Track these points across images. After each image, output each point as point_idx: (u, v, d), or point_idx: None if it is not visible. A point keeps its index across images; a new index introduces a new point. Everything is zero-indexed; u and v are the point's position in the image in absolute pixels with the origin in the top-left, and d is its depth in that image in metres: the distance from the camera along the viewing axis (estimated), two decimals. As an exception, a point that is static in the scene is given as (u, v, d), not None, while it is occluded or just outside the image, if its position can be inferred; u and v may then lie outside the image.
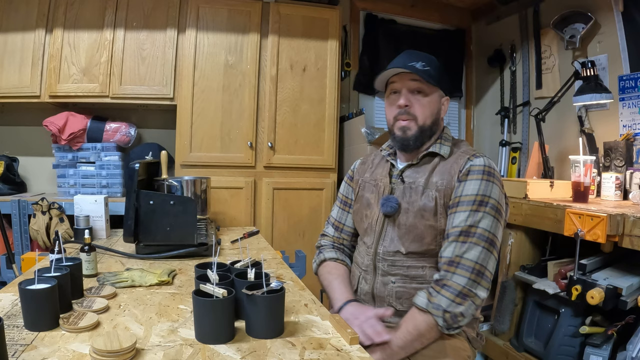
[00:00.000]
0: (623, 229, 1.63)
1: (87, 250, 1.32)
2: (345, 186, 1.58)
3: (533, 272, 2.13)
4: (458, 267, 1.17)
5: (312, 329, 1.02)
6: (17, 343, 0.87)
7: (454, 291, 1.15)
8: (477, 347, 1.31)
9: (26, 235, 2.32)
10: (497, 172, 1.29)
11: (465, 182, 1.25)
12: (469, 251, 1.18)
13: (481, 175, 1.25)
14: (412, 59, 1.33)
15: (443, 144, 1.36)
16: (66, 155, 2.56)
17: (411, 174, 1.35)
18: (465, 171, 1.26)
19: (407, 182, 1.34)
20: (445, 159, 1.33)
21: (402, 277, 1.31)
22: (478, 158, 1.28)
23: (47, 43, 2.46)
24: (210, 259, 1.44)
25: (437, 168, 1.32)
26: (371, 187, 1.44)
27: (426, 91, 1.32)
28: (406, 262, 1.31)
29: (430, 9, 3.42)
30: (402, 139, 1.34)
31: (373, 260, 1.36)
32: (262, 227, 2.65)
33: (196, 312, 0.93)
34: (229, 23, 2.62)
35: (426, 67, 1.31)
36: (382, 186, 1.41)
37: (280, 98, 2.70)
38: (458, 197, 1.24)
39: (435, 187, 1.29)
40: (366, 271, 1.38)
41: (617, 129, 2.34)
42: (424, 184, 1.31)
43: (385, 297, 1.32)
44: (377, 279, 1.35)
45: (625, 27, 2.29)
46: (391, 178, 1.41)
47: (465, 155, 1.31)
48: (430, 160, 1.36)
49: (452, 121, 3.60)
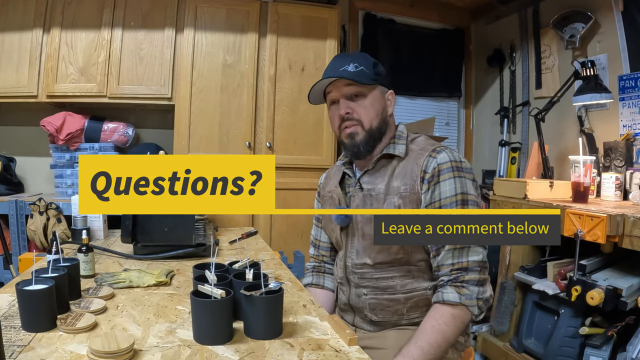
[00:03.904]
0: (623, 229, 1.63)
1: (84, 251, 1.32)
2: (316, 202, 1.55)
3: (533, 272, 2.12)
4: (468, 271, 1.17)
5: (311, 329, 1.01)
6: (15, 344, 0.86)
7: (474, 282, 1.16)
8: (460, 349, 1.28)
9: (23, 236, 2.30)
10: (465, 163, 1.23)
11: (439, 184, 1.19)
12: (471, 255, 1.17)
13: (452, 172, 1.19)
14: (342, 63, 1.26)
15: (397, 143, 1.29)
16: (64, 156, 2.55)
17: (369, 179, 1.30)
18: (434, 172, 1.20)
19: (365, 190, 1.29)
20: (403, 159, 1.27)
21: (373, 289, 1.29)
22: (440, 153, 1.22)
23: (44, 43, 2.45)
24: (209, 259, 1.43)
25: (397, 170, 1.26)
26: (329, 200, 1.42)
27: (365, 92, 1.27)
28: (374, 274, 1.28)
29: (430, 8, 3.41)
30: (351, 145, 1.28)
31: (345, 273, 1.36)
32: (261, 228, 2.65)
33: (194, 312, 0.93)
34: (228, 23, 2.61)
35: (359, 67, 1.24)
36: (336, 198, 1.38)
37: (278, 98, 2.69)
38: (437, 202, 1.19)
39: (397, 193, 1.23)
40: (341, 283, 1.39)
41: (617, 129, 2.33)
42: (384, 190, 1.25)
43: (361, 308, 1.32)
44: (352, 291, 1.34)
45: (625, 26, 2.29)
46: (343, 188, 1.38)
47: (424, 153, 1.24)
48: (387, 162, 1.29)
49: (451, 121, 3.60)
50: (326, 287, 1.48)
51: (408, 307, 1.26)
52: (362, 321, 1.33)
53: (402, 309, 1.26)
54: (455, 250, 1.17)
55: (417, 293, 1.25)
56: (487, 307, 1.18)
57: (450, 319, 1.14)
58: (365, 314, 1.31)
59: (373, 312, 1.29)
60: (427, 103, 3.51)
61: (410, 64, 3.35)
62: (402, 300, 1.26)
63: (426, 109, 3.49)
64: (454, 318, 1.14)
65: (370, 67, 1.27)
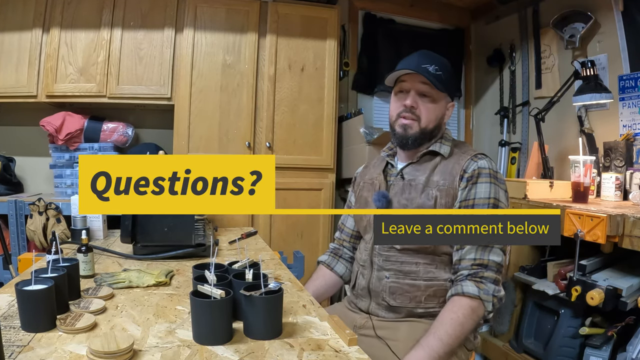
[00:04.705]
0: (623, 229, 1.63)
1: (84, 251, 1.32)
2: (350, 191, 1.62)
3: (532, 272, 2.12)
4: (487, 268, 1.22)
5: (311, 330, 1.01)
6: (14, 344, 0.86)
7: (491, 280, 1.21)
8: (470, 347, 1.31)
9: (23, 236, 2.30)
10: (499, 174, 1.32)
11: (477, 184, 1.27)
12: (492, 255, 1.22)
13: (489, 178, 1.27)
14: (425, 60, 1.32)
15: (443, 143, 1.37)
16: (63, 156, 2.54)
17: (411, 171, 1.37)
18: (474, 173, 1.27)
19: (407, 179, 1.36)
20: (446, 159, 1.34)
21: (396, 273, 1.32)
22: (482, 160, 1.30)
23: (44, 43, 2.45)
24: (208, 259, 1.43)
25: (438, 167, 1.33)
26: (368, 187, 1.47)
27: (434, 96, 1.33)
28: (400, 257, 1.32)
29: (430, 8, 3.41)
30: (402, 136, 1.36)
31: (370, 255, 1.38)
32: (260, 228, 2.64)
33: (194, 313, 0.93)
34: (227, 22, 2.61)
35: (439, 71, 1.31)
36: (377, 184, 1.43)
37: (278, 98, 2.69)
38: (472, 200, 1.26)
39: (436, 186, 1.30)
40: (364, 266, 1.41)
41: (617, 129, 2.33)
42: (424, 182, 1.32)
43: (379, 292, 1.34)
44: (373, 274, 1.36)
45: (625, 26, 2.28)
46: (386, 175, 1.43)
47: (467, 156, 1.32)
48: (430, 159, 1.36)
49: (451, 121, 3.59)
50: (335, 270, 1.54)
51: (427, 295, 1.29)
52: (378, 307, 1.35)
53: (421, 297, 1.29)
54: (479, 247, 1.23)
55: (438, 282, 1.29)
56: (499, 306, 1.23)
57: (469, 311, 1.18)
58: (383, 297, 1.33)
59: (392, 297, 1.31)
60: (427, 103, 3.50)
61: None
62: (422, 287, 1.29)
63: (426, 109, 3.48)
64: (472, 311, 1.18)
65: (448, 77, 1.34)
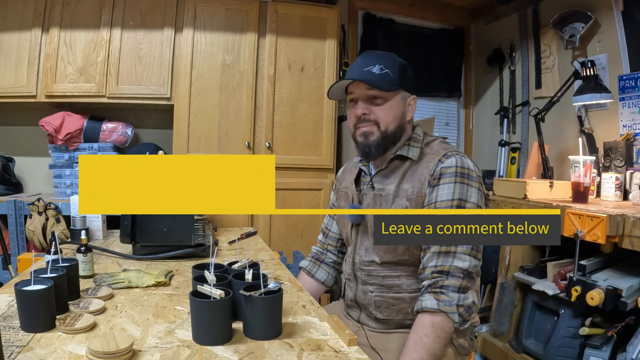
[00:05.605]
0: (623, 229, 1.62)
1: (83, 251, 1.32)
2: (332, 194, 1.57)
3: (532, 273, 2.12)
4: (449, 275, 1.14)
5: (310, 330, 1.01)
6: (13, 344, 0.86)
7: (454, 288, 1.12)
8: (463, 353, 1.25)
9: (22, 236, 2.30)
10: (474, 171, 1.21)
11: (438, 186, 1.18)
12: (456, 261, 1.14)
13: (454, 177, 1.18)
14: (369, 62, 1.25)
15: (412, 145, 1.29)
16: (62, 156, 2.54)
17: (381, 179, 1.31)
18: (437, 174, 1.20)
19: (376, 189, 1.30)
20: (416, 162, 1.27)
21: (379, 287, 1.29)
22: (450, 158, 1.21)
23: (43, 42, 2.45)
24: (208, 259, 1.43)
25: (408, 173, 1.26)
26: (344, 196, 1.43)
27: (385, 96, 1.25)
28: (381, 272, 1.29)
29: (429, 8, 3.41)
30: (363, 145, 1.28)
31: (352, 269, 1.36)
32: (260, 228, 2.64)
33: (193, 313, 0.92)
34: (227, 22, 2.61)
35: (384, 69, 1.24)
36: (350, 194, 1.39)
37: (278, 98, 2.69)
38: (433, 204, 1.18)
39: (405, 196, 1.24)
40: (349, 279, 1.39)
41: (617, 129, 2.33)
42: (394, 191, 1.26)
43: (367, 305, 1.32)
44: (359, 287, 1.35)
45: (625, 26, 2.28)
46: (358, 185, 1.39)
47: (436, 157, 1.23)
48: (400, 164, 1.29)
49: (451, 121, 3.59)
50: (316, 277, 1.51)
51: (413, 307, 1.25)
52: (368, 318, 1.34)
53: (407, 308, 1.26)
54: (440, 254, 1.15)
55: None
56: (470, 315, 1.14)
57: (429, 330, 1.11)
58: (370, 311, 1.31)
59: (378, 310, 1.30)
60: (427, 103, 3.51)
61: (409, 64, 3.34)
62: (407, 299, 1.26)
63: (426, 108, 3.49)
64: (433, 327, 1.11)
65: (396, 71, 1.26)
